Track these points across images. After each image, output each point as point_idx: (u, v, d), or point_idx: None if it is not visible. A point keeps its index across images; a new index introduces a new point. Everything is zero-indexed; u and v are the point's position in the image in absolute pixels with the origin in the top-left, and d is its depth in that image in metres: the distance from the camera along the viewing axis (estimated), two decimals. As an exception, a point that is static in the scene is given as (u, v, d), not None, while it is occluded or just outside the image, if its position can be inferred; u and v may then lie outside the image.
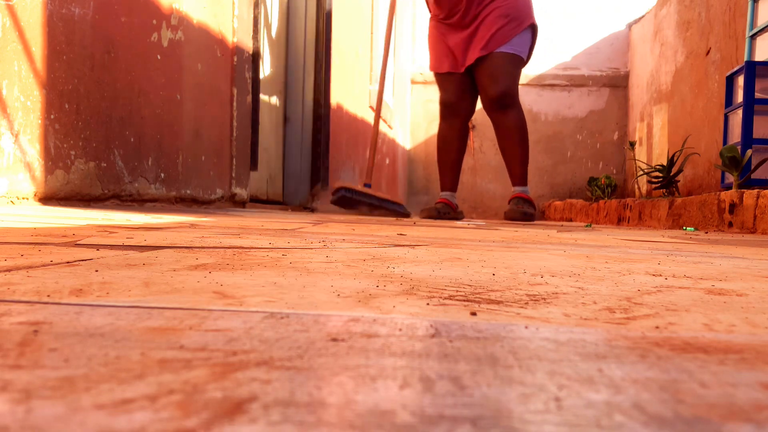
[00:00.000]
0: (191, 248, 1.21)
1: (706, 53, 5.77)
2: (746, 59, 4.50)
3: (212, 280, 0.79)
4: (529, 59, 4.26)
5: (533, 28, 4.18)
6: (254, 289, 0.73)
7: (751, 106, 4.15)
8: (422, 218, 4.26)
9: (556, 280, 0.92)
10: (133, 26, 3.34)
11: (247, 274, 0.86)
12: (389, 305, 0.66)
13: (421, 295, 0.74)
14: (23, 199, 2.63)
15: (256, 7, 4.70)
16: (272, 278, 0.82)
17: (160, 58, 3.60)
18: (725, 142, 4.46)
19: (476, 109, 4.39)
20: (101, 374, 0.38)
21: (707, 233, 3.26)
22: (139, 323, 0.53)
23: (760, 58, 4.42)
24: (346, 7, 5.94)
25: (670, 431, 0.32)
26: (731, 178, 4.12)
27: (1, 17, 2.51)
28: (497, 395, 0.37)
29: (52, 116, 2.78)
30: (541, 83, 8.76)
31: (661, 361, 0.46)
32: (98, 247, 1.17)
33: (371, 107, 6.00)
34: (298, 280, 0.82)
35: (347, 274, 0.91)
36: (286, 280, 0.81)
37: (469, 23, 4.10)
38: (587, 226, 4.38)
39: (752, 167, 3.98)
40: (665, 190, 5.06)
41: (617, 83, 8.76)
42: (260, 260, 1.04)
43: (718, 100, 5.30)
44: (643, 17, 8.17)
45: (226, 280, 0.79)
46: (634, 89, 8.47)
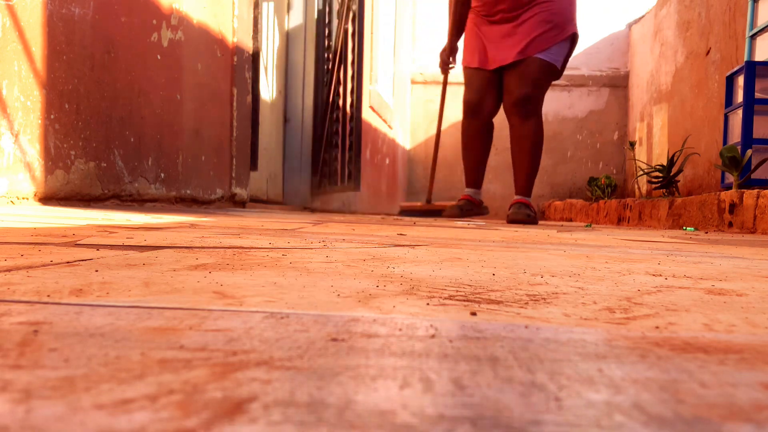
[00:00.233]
0: (191, 248, 1.21)
1: (706, 53, 5.77)
2: (746, 59, 4.50)
3: (212, 280, 0.79)
4: (563, 70, 4.10)
5: (573, 37, 4.01)
6: (254, 289, 0.73)
7: (751, 106, 4.15)
8: (445, 217, 4.13)
9: (556, 280, 0.92)
10: (133, 26, 3.34)
11: (247, 274, 0.86)
12: (389, 305, 0.66)
13: (421, 295, 0.74)
14: (23, 199, 2.63)
15: (256, 7, 4.70)
16: (272, 278, 0.82)
17: (160, 58, 3.60)
18: (725, 142, 4.47)
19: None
20: (101, 374, 0.38)
21: (707, 233, 3.26)
22: (139, 323, 0.53)
23: (760, 58, 4.42)
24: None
25: (670, 431, 0.32)
26: (731, 178, 4.12)
27: (1, 17, 2.51)
28: (497, 395, 0.37)
29: (52, 116, 2.78)
30: (541, 83, 8.74)
31: (661, 361, 0.46)
32: (98, 247, 1.17)
33: (371, 107, 6.00)
34: (298, 280, 0.82)
35: (347, 274, 0.91)
36: (286, 280, 0.81)
37: (510, 20, 3.94)
38: (587, 226, 4.38)
39: (752, 167, 3.98)
40: (665, 190, 5.06)
41: (617, 83, 8.76)
42: (260, 260, 1.04)
43: (718, 100, 5.30)
44: (643, 17, 8.17)
45: (226, 280, 0.79)
46: (634, 89, 8.47)
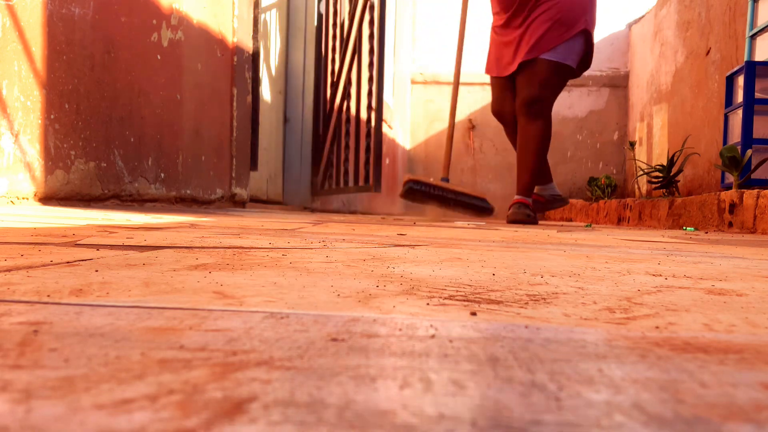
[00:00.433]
0: (191, 248, 1.21)
1: (706, 53, 5.77)
2: (746, 59, 4.50)
3: (212, 280, 0.79)
4: (586, 66, 4.01)
5: (585, 34, 3.90)
6: (254, 289, 0.73)
7: (751, 106, 4.15)
8: (509, 223, 4.01)
9: (556, 280, 0.92)
10: (133, 26, 3.34)
11: (247, 274, 0.86)
12: (389, 305, 0.66)
13: (421, 295, 0.74)
14: (23, 199, 2.63)
15: (256, 7, 4.70)
16: (272, 278, 0.82)
17: (160, 58, 3.60)
18: (725, 142, 4.46)
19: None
20: (101, 374, 0.38)
21: (707, 233, 3.26)
22: (139, 323, 0.53)
23: (760, 58, 4.42)
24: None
25: (670, 431, 0.32)
26: (731, 178, 4.12)
27: (1, 17, 2.51)
28: (497, 395, 0.37)
29: (52, 116, 2.78)
30: (541, 83, 8.74)
31: (661, 361, 0.46)
32: (98, 247, 1.17)
33: (370, 106, 5.99)
34: (298, 280, 0.82)
35: (347, 274, 0.91)
36: (286, 280, 0.81)
37: (519, 25, 3.91)
38: (587, 226, 4.38)
39: (752, 167, 3.98)
40: (665, 190, 5.06)
41: (617, 83, 8.76)
42: (260, 260, 1.04)
43: (718, 100, 5.30)
44: (643, 17, 8.17)
45: (226, 280, 0.79)
46: (634, 89, 8.47)
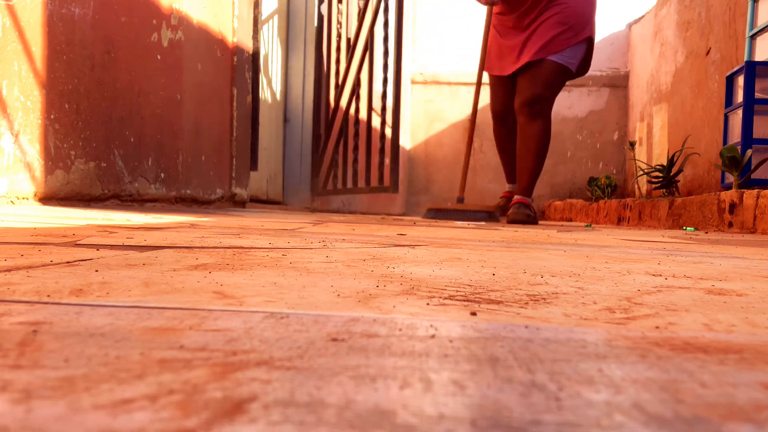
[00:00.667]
0: (191, 248, 1.21)
1: (706, 53, 5.77)
2: (746, 59, 4.50)
3: (212, 280, 0.79)
4: (583, 71, 4.12)
5: (589, 40, 4.02)
6: (254, 289, 0.73)
7: (751, 106, 4.15)
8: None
9: (556, 280, 0.92)
10: (133, 26, 3.34)
11: (247, 274, 0.86)
12: (389, 305, 0.66)
13: (421, 295, 0.74)
14: (23, 199, 2.63)
15: (256, 7, 4.70)
16: (272, 278, 0.82)
17: (160, 58, 3.60)
18: (725, 142, 4.46)
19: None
20: (101, 374, 0.38)
21: (707, 233, 3.26)
22: (139, 323, 0.53)
23: (760, 58, 4.42)
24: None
25: (670, 431, 0.32)
26: (731, 178, 4.12)
27: (1, 17, 2.51)
28: (497, 395, 0.37)
29: (52, 116, 2.78)
30: (541, 83, 8.74)
31: (661, 361, 0.46)
32: (98, 247, 1.17)
33: (365, 106, 5.99)
34: (298, 280, 0.82)
35: (347, 274, 0.91)
36: (286, 280, 0.81)
37: (526, 25, 3.97)
38: (587, 226, 4.37)
39: (752, 167, 3.98)
40: (665, 190, 5.06)
41: (617, 83, 8.76)
42: (260, 260, 1.04)
43: (718, 100, 5.30)
44: (643, 17, 8.17)
45: (226, 280, 0.79)
46: (634, 89, 8.47)
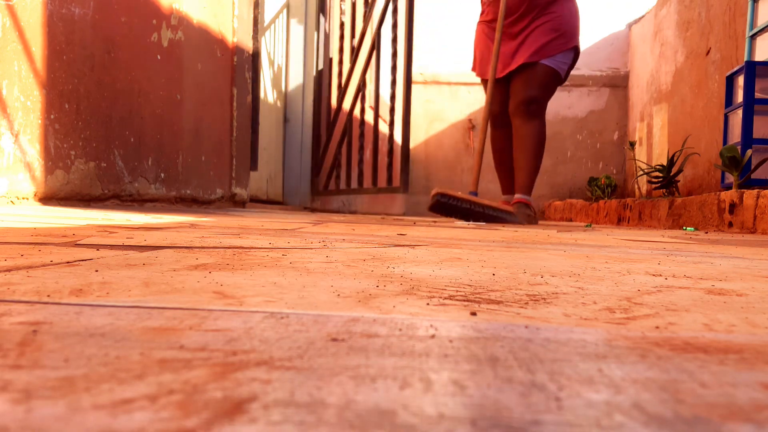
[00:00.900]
0: (191, 248, 1.21)
1: (706, 53, 5.77)
2: (746, 59, 4.50)
3: (212, 280, 0.79)
4: (565, 79, 4.27)
5: (576, 50, 4.23)
6: (254, 289, 0.73)
7: (751, 106, 4.15)
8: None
9: (556, 280, 0.92)
10: (133, 26, 3.34)
11: (247, 274, 0.86)
12: (389, 305, 0.66)
13: (421, 295, 0.74)
14: (23, 199, 2.63)
15: (256, 7, 4.70)
16: (272, 278, 0.82)
17: (160, 58, 3.60)
18: (725, 142, 4.46)
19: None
20: (101, 374, 0.38)
21: (707, 233, 3.26)
22: (139, 323, 0.53)
23: (760, 58, 4.42)
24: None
25: (670, 431, 0.32)
26: (731, 178, 4.12)
27: (1, 17, 2.51)
28: (497, 395, 0.37)
29: (52, 116, 2.78)
30: (541, 83, 8.73)
31: (661, 361, 0.46)
32: (98, 247, 1.17)
33: (370, 107, 5.99)
34: (298, 280, 0.82)
35: (347, 274, 0.91)
36: (286, 280, 0.81)
37: (518, 32, 4.12)
38: (587, 226, 4.37)
39: (752, 167, 3.97)
40: (665, 190, 5.06)
41: (617, 83, 8.76)
42: (260, 260, 1.04)
43: (718, 100, 5.30)
44: (643, 17, 8.17)
45: (226, 280, 0.79)
46: (634, 89, 8.47)
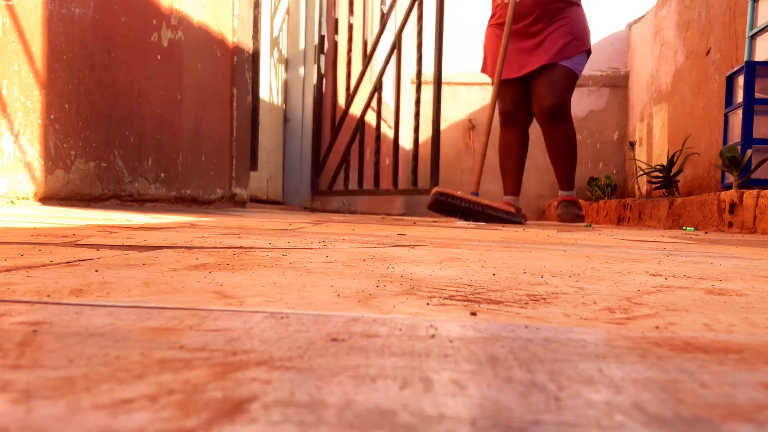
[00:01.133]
0: (191, 248, 1.21)
1: (706, 53, 5.77)
2: (746, 59, 4.50)
3: (212, 280, 0.79)
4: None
5: (589, 52, 4.37)
6: (254, 289, 0.73)
7: (751, 106, 4.14)
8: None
9: (556, 280, 0.92)
10: (133, 26, 3.34)
11: (247, 274, 0.86)
12: (389, 305, 0.66)
13: (421, 295, 0.74)
14: (23, 199, 2.63)
15: (256, 7, 4.70)
16: (272, 278, 0.82)
17: (160, 58, 3.60)
18: (725, 142, 4.46)
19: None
20: (101, 374, 0.38)
21: (707, 233, 3.26)
22: (139, 323, 0.53)
23: (760, 58, 4.42)
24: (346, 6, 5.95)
25: (670, 431, 0.32)
26: (731, 178, 4.12)
27: (1, 17, 2.51)
28: (497, 395, 0.37)
29: (52, 116, 2.78)
30: (541, 83, 8.72)
31: (661, 361, 0.46)
32: (98, 247, 1.17)
33: (371, 108, 5.99)
34: (298, 280, 0.82)
35: (347, 274, 0.91)
36: (286, 280, 0.81)
37: (535, 33, 4.23)
38: (587, 226, 4.37)
39: (752, 167, 3.98)
40: (665, 190, 5.06)
41: (617, 83, 8.76)
42: (260, 260, 1.04)
43: (718, 100, 5.30)
44: (643, 17, 8.17)
45: (226, 280, 0.79)
46: (634, 89, 8.46)
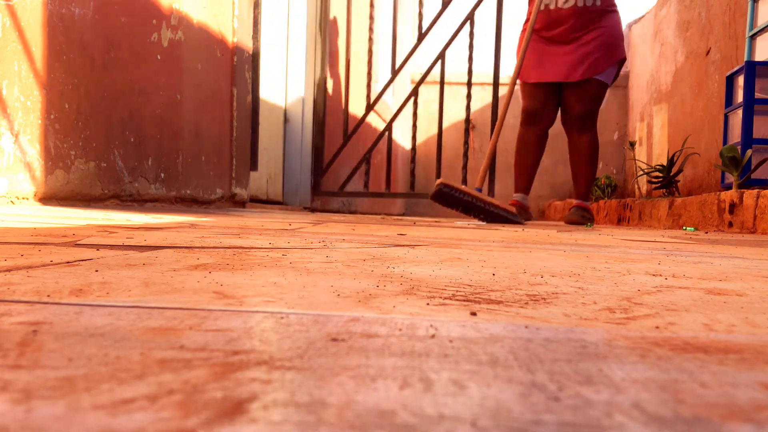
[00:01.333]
0: (191, 248, 1.21)
1: (706, 53, 5.77)
2: (746, 59, 4.50)
3: (212, 280, 0.79)
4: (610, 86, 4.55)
5: (622, 61, 4.48)
6: (254, 289, 0.73)
7: (751, 106, 4.14)
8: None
9: (556, 280, 0.92)
10: (133, 26, 3.34)
11: (247, 274, 0.86)
12: (389, 305, 0.66)
13: (421, 295, 0.74)
14: (23, 199, 2.63)
15: (256, 7, 4.70)
16: (272, 278, 0.82)
17: (160, 58, 3.60)
18: (725, 142, 4.46)
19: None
20: (101, 374, 0.38)
21: (707, 233, 3.26)
22: (139, 323, 0.53)
23: (760, 58, 4.42)
24: (345, 6, 5.94)
25: (670, 431, 0.32)
26: (731, 178, 4.12)
27: (1, 17, 2.51)
28: (497, 395, 0.37)
29: (52, 116, 2.78)
30: (541, 83, 8.71)
31: (661, 361, 0.46)
32: (98, 247, 1.17)
33: (374, 110, 5.98)
34: (298, 280, 0.82)
35: (347, 274, 0.91)
36: (286, 280, 0.81)
37: (569, 41, 4.33)
38: (587, 225, 4.37)
39: (752, 167, 3.98)
40: (665, 190, 5.07)
41: (617, 83, 8.75)
42: (260, 260, 1.04)
43: (718, 100, 5.30)
44: (643, 17, 8.17)
45: (226, 280, 0.79)
46: (634, 89, 8.46)
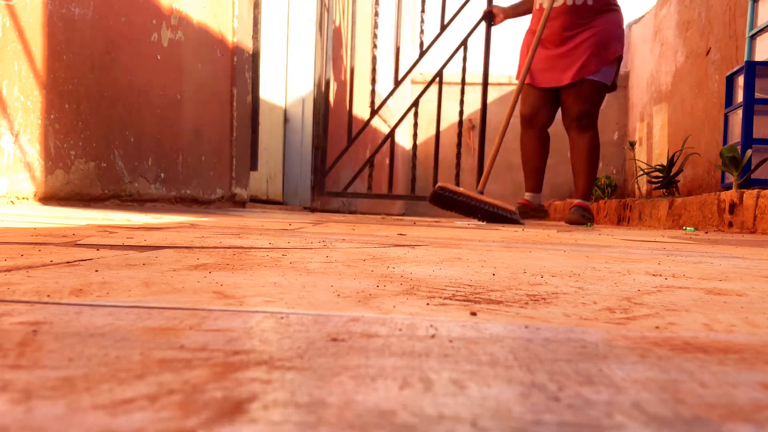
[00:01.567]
0: (191, 248, 1.21)
1: (706, 53, 5.77)
2: (746, 59, 4.50)
3: (212, 280, 0.79)
4: (614, 86, 4.52)
5: (620, 59, 4.46)
6: (254, 289, 0.73)
7: (751, 106, 4.15)
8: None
9: (556, 280, 0.92)
10: (133, 26, 3.34)
11: (247, 274, 0.86)
12: (389, 305, 0.66)
13: (421, 295, 0.74)
14: (23, 199, 2.63)
15: (256, 7, 4.70)
16: (272, 278, 0.82)
17: (160, 58, 3.60)
18: (725, 142, 4.46)
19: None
20: (101, 374, 0.38)
21: (707, 233, 3.26)
22: (139, 323, 0.53)
23: (760, 58, 4.42)
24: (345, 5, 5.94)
25: (670, 431, 0.32)
26: (731, 178, 4.12)
27: (1, 17, 2.51)
28: (497, 395, 0.37)
29: (52, 116, 2.78)
30: (541, 83, 8.71)
31: (661, 361, 0.46)
32: (98, 247, 1.17)
33: (377, 113, 5.98)
34: (298, 280, 0.82)
35: (347, 274, 0.91)
36: (286, 280, 0.81)
37: (561, 42, 4.32)
38: (587, 225, 4.37)
39: (752, 167, 3.98)
40: (665, 190, 5.07)
41: (617, 83, 8.75)
42: (260, 260, 1.04)
43: (718, 100, 5.30)
44: (643, 17, 8.17)
45: (226, 280, 0.79)
46: (634, 89, 8.46)
